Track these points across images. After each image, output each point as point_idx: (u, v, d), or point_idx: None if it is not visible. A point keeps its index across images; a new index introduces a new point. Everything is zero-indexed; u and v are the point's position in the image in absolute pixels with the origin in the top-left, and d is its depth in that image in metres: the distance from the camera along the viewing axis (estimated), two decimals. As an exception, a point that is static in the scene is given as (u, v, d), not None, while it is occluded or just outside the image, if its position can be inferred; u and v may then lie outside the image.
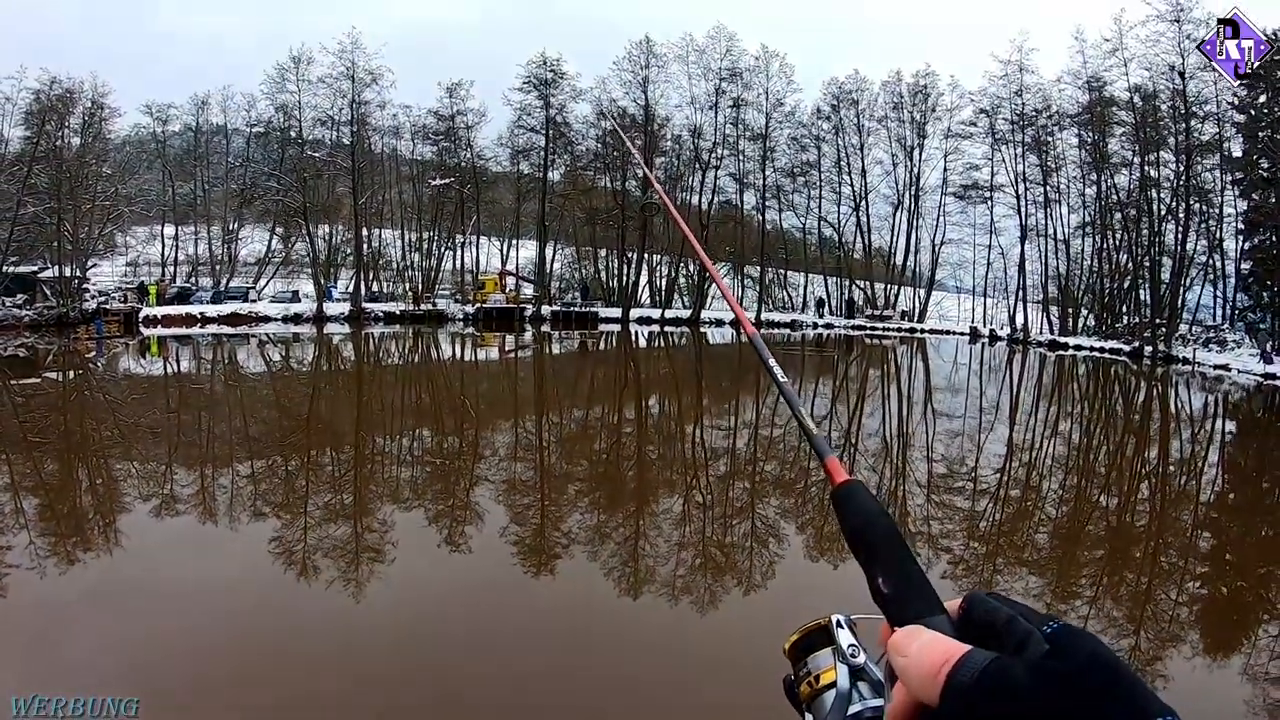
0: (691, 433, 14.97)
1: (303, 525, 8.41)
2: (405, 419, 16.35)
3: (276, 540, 7.83)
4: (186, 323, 46.54)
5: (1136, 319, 54.10)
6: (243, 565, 7.32)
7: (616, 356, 33.88)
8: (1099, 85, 55.20)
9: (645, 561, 7.38)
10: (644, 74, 58.47)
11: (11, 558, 7.24)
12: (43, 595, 6.29)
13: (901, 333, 56.86)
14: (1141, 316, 53.64)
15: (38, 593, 6.35)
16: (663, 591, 6.58)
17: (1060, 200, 59.81)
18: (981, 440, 15.46)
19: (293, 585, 6.65)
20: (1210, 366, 41.28)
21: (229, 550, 7.82)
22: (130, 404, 18.49)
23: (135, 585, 6.73)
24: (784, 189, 63.75)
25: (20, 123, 50.11)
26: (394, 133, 62.53)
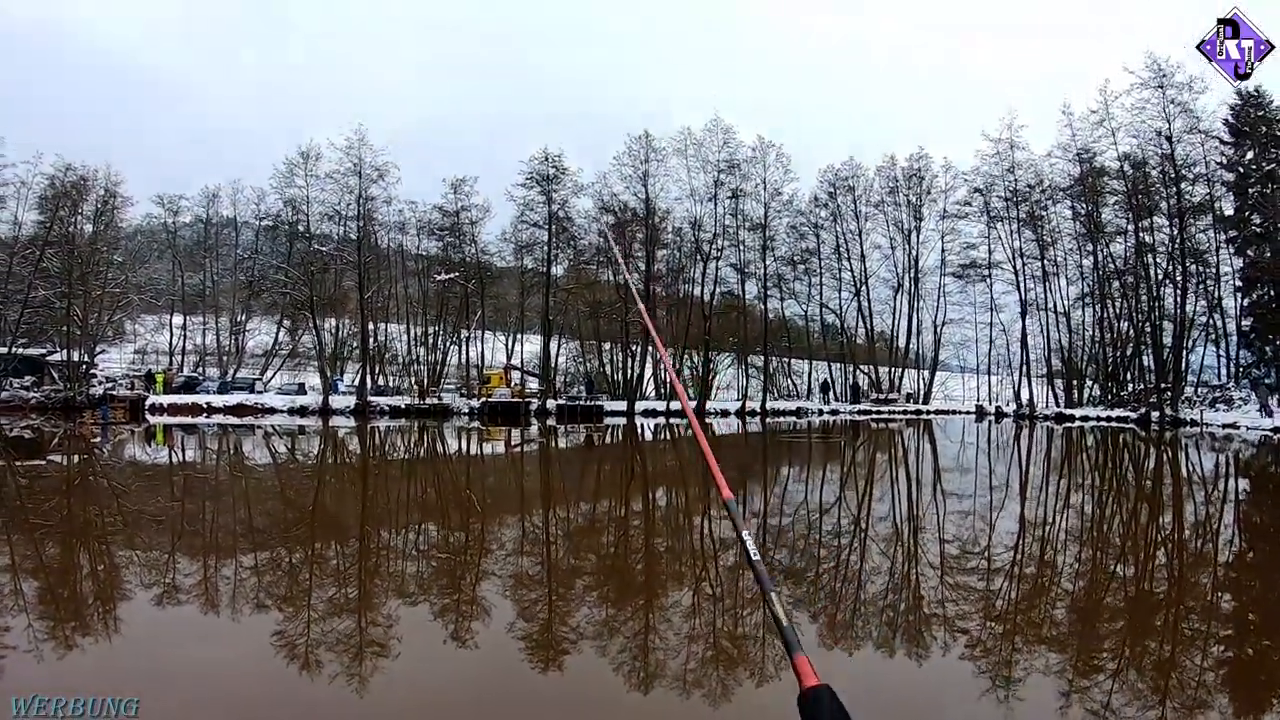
0: (700, 524, 14.80)
1: (306, 618, 8.24)
2: (411, 513, 16.19)
3: (279, 633, 7.67)
4: (193, 412, 46.76)
5: (1142, 385, 54.26)
6: (244, 656, 7.16)
7: (622, 449, 33.72)
8: (1089, 157, 56.42)
9: (655, 655, 7.22)
10: (644, 168, 59.70)
11: (9, 639, 7.12)
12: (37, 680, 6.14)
13: (907, 415, 56.87)
14: (1146, 382, 53.92)
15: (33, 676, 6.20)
16: (674, 685, 6.42)
17: (1058, 273, 60.86)
18: (993, 518, 15.28)
19: (294, 678, 6.50)
20: (1219, 426, 41.24)
21: (230, 640, 7.65)
22: (134, 491, 18.39)
23: (132, 672, 6.59)
24: (785, 277, 64.56)
25: (34, 207, 51.14)
26: (400, 228, 63.79)
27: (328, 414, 49.93)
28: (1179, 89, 50.94)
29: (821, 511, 15.88)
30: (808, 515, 15.44)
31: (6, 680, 5.72)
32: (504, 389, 55.79)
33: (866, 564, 11.11)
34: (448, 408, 53.98)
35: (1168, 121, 51.69)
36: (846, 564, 11.29)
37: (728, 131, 60.68)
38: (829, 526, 14.22)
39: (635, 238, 60.73)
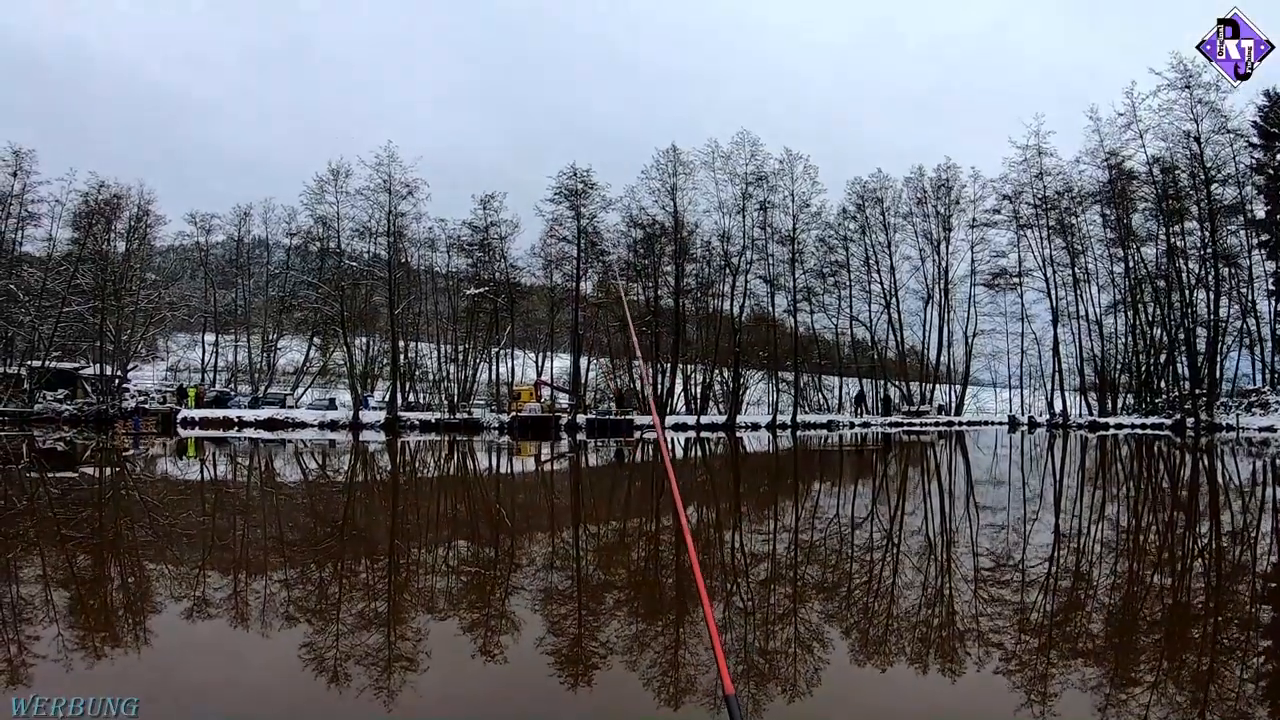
0: (731, 539, 14.69)
1: (335, 632, 8.22)
2: (441, 528, 16.18)
3: (308, 646, 7.64)
4: (224, 426, 47.16)
5: (1176, 391, 53.64)
6: (273, 671, 7.14)
7: (653, 464, 33.59)
8: (1117, 161, 55.83)
9: (685, 670, 7.15)
10: (672, 181, 59.90)
11: (39, 648, 7.13)
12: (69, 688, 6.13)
13: (940, 426, 56.37)
14: (1180, 389, 53.24)
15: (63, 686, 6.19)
16: (705, 701, 6.34)
17: (1089, 280, 60.16)
18: (1027, 531, 15.06)
19: (323, 693, 6.46)
20: (1255, 430, 40.61)
21: (259, 654, 7.63)
22: (166, 505, 18.47)
23: (161, 686, 6.57)
24: (814, 290, 64.22)
25: (68, 224, 52.09)
26: (429, 244, 64.12)
27: (358, 428, 50.13)
28: (1206, 89, 50.85)
29: (854, 525, 15.73)
30: (839, 530, 15.31)
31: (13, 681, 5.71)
32: (534, 404, 55.79)
33: (899, 578, 10.97)
34: (478, 422, 54.06)
35: (1195, 122, 51.43)
36: (879, 578, 11.15)
37: (755, 144, 60.73)
38: (860, 541, 14.07)
39: (664, 252, 60.72)
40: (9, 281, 50.23)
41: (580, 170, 59.98)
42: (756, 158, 60.80)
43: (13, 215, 52.24)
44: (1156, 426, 49.05)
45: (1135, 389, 58.16)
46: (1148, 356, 57.58)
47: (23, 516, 16.25)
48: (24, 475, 24.37)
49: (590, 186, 60.31)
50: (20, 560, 11.88)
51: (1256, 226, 54.00)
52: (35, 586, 9.96)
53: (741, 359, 61.38)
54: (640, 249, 61.79)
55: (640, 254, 61.75)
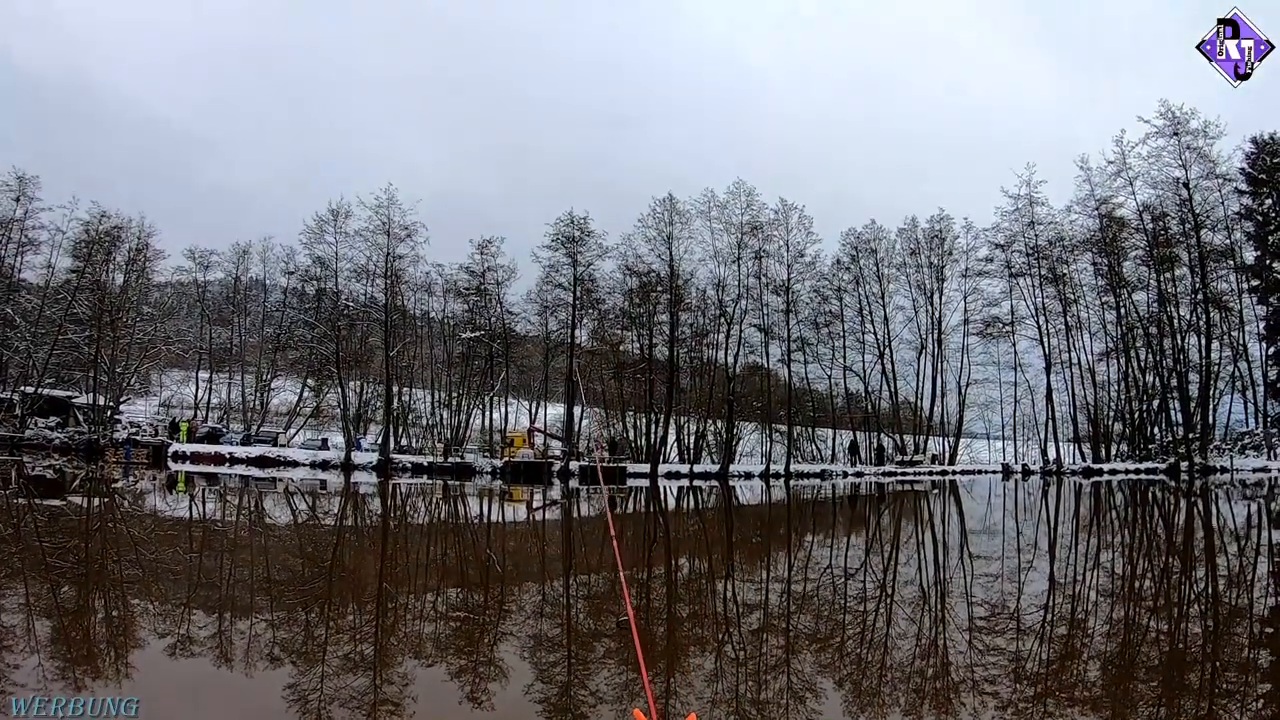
0: (723, 588, 14.56)
1: (320, 674, 8.10)
2: (430, 573, 16.03)
3: (291, 687, 7.53)
4: (215, 461, 46.99)
5: (1169, 437, 53.63)
6: (255, 712, 7.02)
7: (646, 512, 33.44)
8: (1108, 209, 56.30)
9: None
10: (668, 230, 60.21)
11: (19, 676, 7.01)
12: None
13: (933, 476, 56.16)
14: (1174, 434, 53.21)
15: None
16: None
17: (1081, 328, 60.29)
18: (1022, 579, 14.94)
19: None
20: (1249, 471, 40.55)
21: (242, 693, 7.52)
22: (153, 539, 18.30)
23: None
24: (808, 340, 64.26)
25: (68, 253, 52.27)
26: (426, 289, 64.00)
27: (350, 469, 49.98)
28: (1194, 135, 51.53)
29: (847, 575, 15.61)
30: (832, 580, 15.18)
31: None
32: (527, 450, 55.61)
33: (892, 629, 10.86)
34: (470, 467, 53.87)
35: (1184, 168, 52.04)
36: (871, 628, 11.04)
37: (750, 194, 60.96)
38: (854, 591, 13.95)
39: (659, 301, 60.86)
40: (6, 306, 50.33)
41: (577, 218, 60.32)
42: (752, 207, 61.20)
43: (13, 240, 52.22)
44: (1151, 471, 49.04)
45: (1129, 435, 58.12)
46: (1141, 402, 57.59)
47: (7, 543, 16.10)
48: (11, 501, 24.21)
49: (587, 234, 60.59)
50: (2, 588, 11.74)
51: (1246, 271, 54.44)
52: (16, 616, 9.82)
53: (735, 409, 61.28)
54: (636, 297, 61.88)
55: (636, 302, 61.86)
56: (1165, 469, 49.06)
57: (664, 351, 61.23)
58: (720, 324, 62.30)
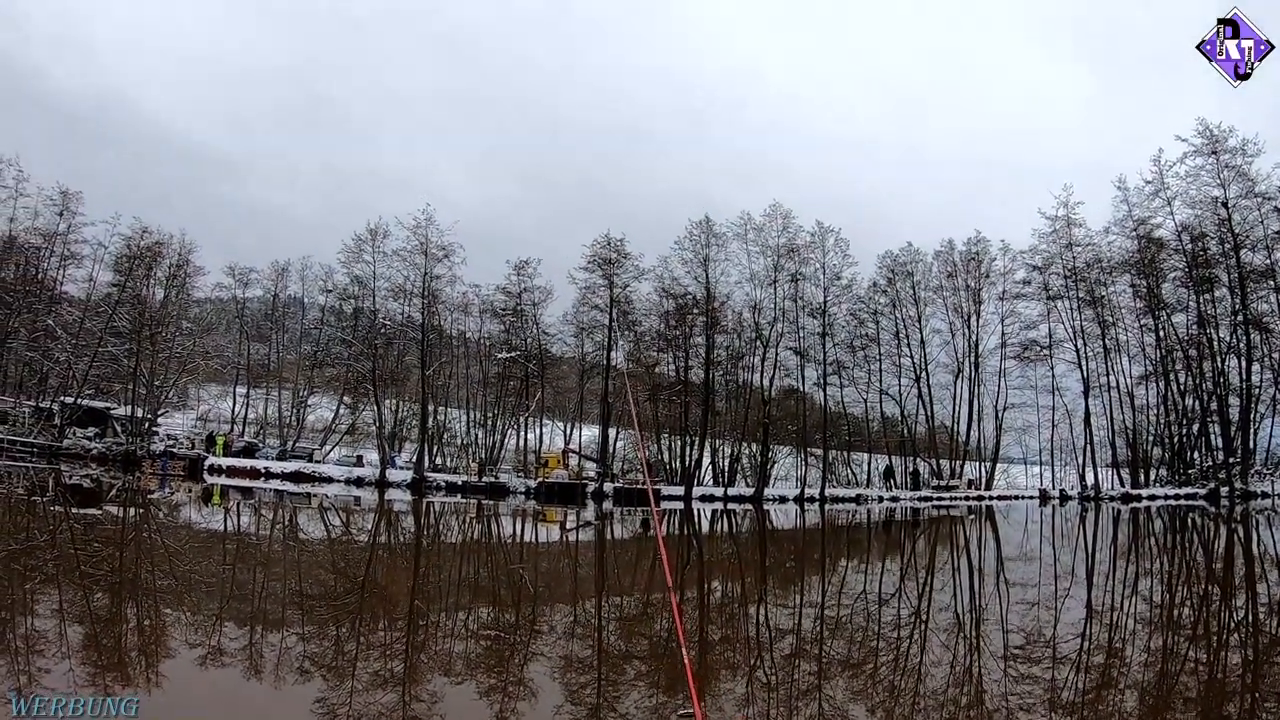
0: (755, 613, 14.40)
1: (349, 689, 8.06)
2: (462, 591, 15.98)
3: (320, 701, 7.49)
4: (250, 475, 47.21)
5: (1209, 461, 52.69)
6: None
7: (680, 535, 33.25)
8: (1146, 230, 55.47)
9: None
10: (705, 252, 59.89)
11: (50, 680, 7.00)
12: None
13: (969, 501, 55.54)
14: (1214, 458, 52.27)
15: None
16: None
17: (1120, 351, 59.32)
18: (1058, 607, 14.67)
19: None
20: None
21: (270, 705, 7.49)
22: (188, 550, 18.37)
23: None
24: (844, 364, 63.70)
25: (109, 267, 53.06)
26: (463, 309, 64.14)
27: (384, 487, 50.10)
28: (1232, 154, 50.48)
29: (881, 601, 15.41)
30: (866, 606, 15.00)
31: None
32: (562, 471, 55.48)
33: (927, 656, 10.68)
34: (504, 486, 53.82)
35: (1223, 188, 51.09)
36: (906, 655, 10.87)
37: (787, 216, 60.59)
38: (888, 617, 13.76)
39: (695, 323, 60.71)
40: (48, 318, 51.06)
41: (614, 240, 60.19)
42: (789, 230, 60.81)
43: (56, 254, 53.18)
44: (1190, 497, 48.22)
45: (1168, 460, 57.13)
46: (1180, 426, 56.62)
47: (43, 550, 16.21)
48: (48, 509, 24.43)
49: (624, 256, 60.45)
50: (37, 593, 11.79)
51: (1287, 292, 53.53)
52: (49, 621, 9.85)
53: (770, 432, 60.91)
54: (672, 320, 61.70)
55: (672, 325, 61.67)
56: (1205, 494, 48.25)
57: (699, 374, 60.97)
58: (756, 347, 62.00)
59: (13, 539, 17.32)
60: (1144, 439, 58.64)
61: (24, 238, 52.17)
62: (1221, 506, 42.29)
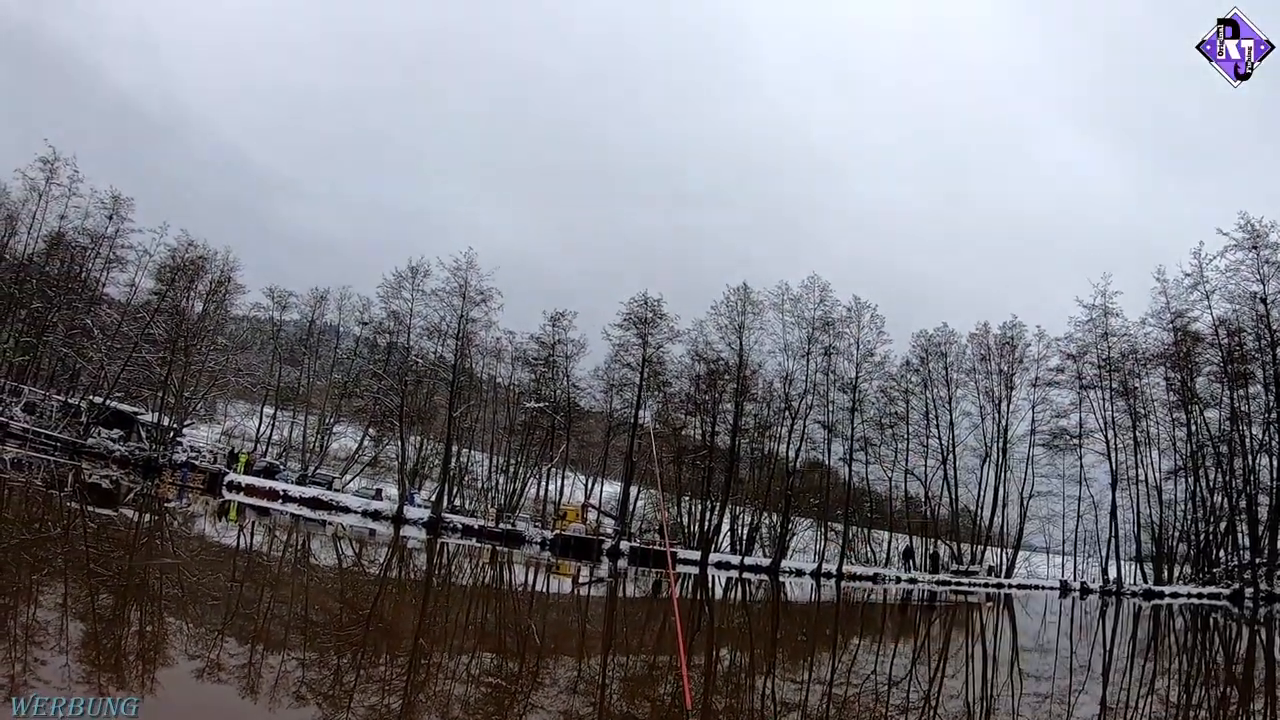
0: (762, 685, 14.14)
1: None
2: (467, 634, 15.82)
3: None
4: (269, 496, 47.33)
5: (1235, 561, 51.61)
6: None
7: (692, 600, 32.89)
8: (1183, 323, 54.89)
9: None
10: (740, 319, 60.07)
11: (45, 673, 6.89)
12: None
13: (988, 588, 54.68)
14: (1240, 558, 51.19)
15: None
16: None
17: (1150, 445, 58.36)
18: (1072, 701, 14.28)
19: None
20: None
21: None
22: (197, 562, 18.30)
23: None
24: (871, 441, 63.20)
25: (152, 275, 53.87)
26: (495, 355, 64.38)
27: (401, 522, 50.00)
28: (1273, 249, 49.83)
29: (890, 683, 15.08)
30: (875, 686, 14.68)
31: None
32: (579, 525, 55.23)
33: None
34: (520, 535, 53.55)
35: (1262, 283, 50.38)
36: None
37: (825, 289, 60.66)
38: (896, 700, 13.45)
39: (725, 389, 60.62)
40: (86, 317, 51.74)
41: (651, 299, 60.38)
42: (825, 303, 60.76)
43: (101, 256, 53.99)
44: (1214, 596, 47.13)
45: (1193, 557, 55.99)
46: (1207, 524, 55.48)
47: (54, 543, 16.18)
48: (64, 504, 24.48)
49: (659, 316, 60.58)
50: (41, 586, 11.73)
51: (1322, 392, 52.74)
52: (51, 613, 9.76)
53: (792, 504, 60.46)
54: (702, 384, 61.64)
55: (702, 389, 61.59)
56: (1229, 595, 47.19)
57: (725, 440, 60.80)
58: (784, 417, 61.74)
59: (26, 529, 17.33)
60: (1169, 535, 57.64)
61: (72, 236, 53.18)
62: (1245, 608, 41.45)
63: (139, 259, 53.54)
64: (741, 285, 60.67)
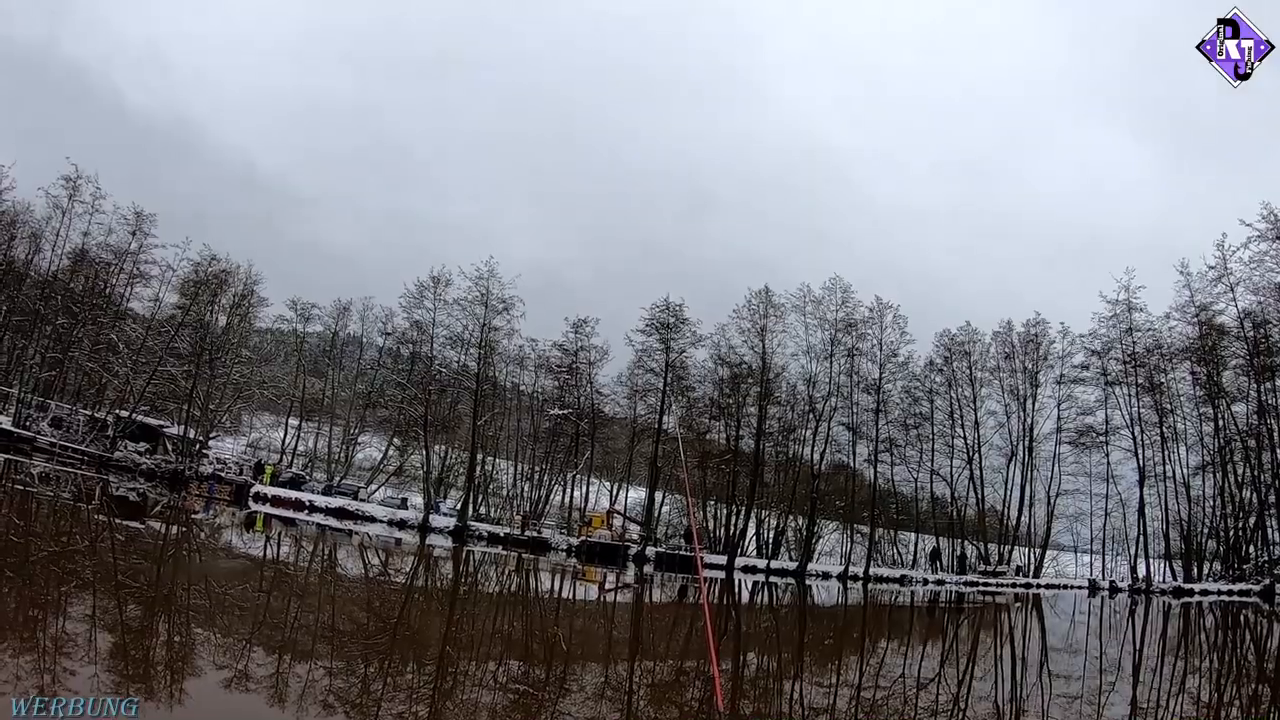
0: (790, 689, 14.07)
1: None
2: (494, 642, 15.81)
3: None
4: (295, 506, 47.50)
5: (1265, 556, 51.01)
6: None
7: (721, 604, 32.79)
8: (1208, 316, 54.13)
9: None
10: (762, 322, 59.55)
11: (74, 684, 6.92)
12: None
13: (1016, 588, 54.27)
14: (1270, 553, 50.59)
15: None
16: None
17: (1178, 440, 57.64)
18: (1101, 701, 14.14)
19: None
20: None
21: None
22: (225, 573, 18.38)
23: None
24: (896, 442, 62.74)
25: (176, 289, 54.39)
26: (518, 362, 64.24)
27: (426, 531, 50.02)
28: None
29: (919, 685, 14.98)
30: (904, 689, 14.58)
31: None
32: (604, 531, 55.12)
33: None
34: (546, 542, 53.48)
35: None
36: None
37: (846, 290, 60.19)
38: (925, 702, 13.36)
39: (749, 393, 60.42)
40: (111, 332, 52.12)
41: (673, 304, 60.03)
42: (847, 304, 60.29)
43: (125, 271, 54.26)
44: (1244, 593, 46.52)
45: (1222, 554, 55.31)
46: (1236, 520, 54.76)
47: (82, 556, 16.27)
48: (92, 516, 24.63)
49: (681, 321, 60.31)
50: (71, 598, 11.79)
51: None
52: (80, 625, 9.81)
53: (818, 507, 60.19)
54: (726, 388, 61.41)
55: (725, 393, 61.36)
56: (1260, 591, 46.61)
57: (750, 444, 60.56)
58: (809, 420, 61.44)
59: (55, 542, 17.45)
60: (1198, 531, 56.99)
61: (95, 253, 53.32)
62: (1276, 604, 40.99)
63: (162, 274, 53.86)
64: (763, 288, 60.37)
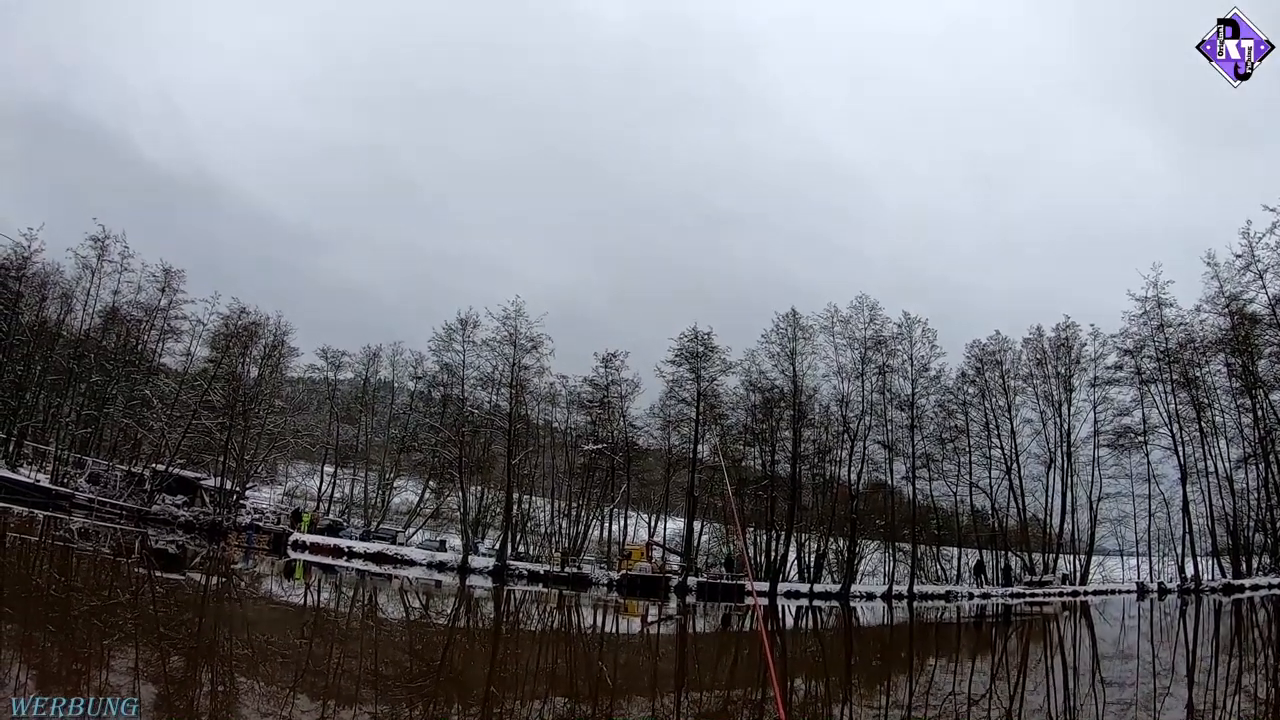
0: (841, 712, 13.91)
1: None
2: (539, 680, 15.74)
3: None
4: (333, 553, 47.75)
5: None
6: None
7: (766, 630, 32.48)
8: (1239, 306, 53.26)
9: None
10: (791, 345, 59.37)
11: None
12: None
13: (1064, 597, 53.51)
14: None
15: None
16: None
17: (1217, 434, 56.71)
18: (1157, 707, 13.87)
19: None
20: None
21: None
22: (266, 621, 18.40)
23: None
24: (933, 456, 62.25)
25: (207, 342, 55.17)
26: (550, 399, 64.37)
27: (466, 572, 49.99)
28: None
29: (970, 702, 14.76)
30: (955, 706, 14.37)
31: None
32: (644, 563, 54.86)
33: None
34: (586, 578, 53.31)
35: None
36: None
37: (874, 307, 59.89)
38: (977, 718, 13.15)
39: (782, 417, 60.20)
40: (145, 388, 52.77)
41: (701, 333, 59.94)
42: (875, 322, 60.02)
43: (156, 328, 55.50)
44: None
45: (1271, 547, 54.35)
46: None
47: (124, 609, 16.33)
48: (132, 570, 24.76)
49: (711, 349, 60.19)
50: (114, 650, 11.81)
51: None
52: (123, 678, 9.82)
53: (858, 527, 59.73)
54: (759, 414, 61.23)
55: (759, 419, 61.19)
56: (1314, 582, 45.91)
57: (785, 468, 60.29)
58: (844, 440, 61.08)
59: (96, 595, 17.54)
60: (1245, 525, 56.00)
61: (126, 310, 54.62)
62: (1332, 593, 40.37)
63: (193, 329, 54.61)
64: (790, 311, 60.13)
